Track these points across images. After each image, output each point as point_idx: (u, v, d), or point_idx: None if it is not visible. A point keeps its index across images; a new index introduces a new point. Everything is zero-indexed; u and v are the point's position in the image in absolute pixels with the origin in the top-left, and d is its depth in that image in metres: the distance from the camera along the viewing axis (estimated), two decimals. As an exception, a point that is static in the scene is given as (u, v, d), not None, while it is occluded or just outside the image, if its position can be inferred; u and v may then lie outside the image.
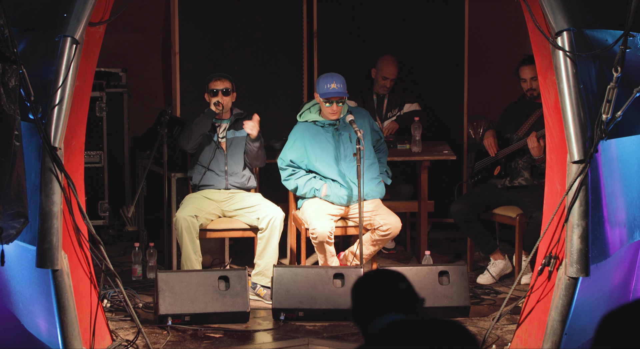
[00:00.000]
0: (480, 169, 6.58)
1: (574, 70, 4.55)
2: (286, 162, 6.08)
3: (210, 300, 5.47)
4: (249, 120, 6.09)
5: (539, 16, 4.69)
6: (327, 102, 5.93)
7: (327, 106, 5.95)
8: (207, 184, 6.14)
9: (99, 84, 6.93)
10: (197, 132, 6.03)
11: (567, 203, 4.58)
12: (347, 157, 6.02)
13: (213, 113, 6.05)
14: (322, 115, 6.06)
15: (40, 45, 4.60)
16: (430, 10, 7.28)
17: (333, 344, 5.24)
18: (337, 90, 5.90)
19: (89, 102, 4.94)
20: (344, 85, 5.93)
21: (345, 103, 6.00)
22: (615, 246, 4.71)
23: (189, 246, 5.87)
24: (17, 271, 4.73)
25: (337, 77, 5.93)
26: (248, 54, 7.08)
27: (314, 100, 6.10)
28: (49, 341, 4.71)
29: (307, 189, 6.03)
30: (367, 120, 6.15)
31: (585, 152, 4.53)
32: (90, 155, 6.91)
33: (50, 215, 4.51)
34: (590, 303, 4.72)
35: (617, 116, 4.50)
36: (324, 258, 5.97)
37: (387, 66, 6.93)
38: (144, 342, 5.06)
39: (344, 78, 5.98)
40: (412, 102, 7.04)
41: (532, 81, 6.23)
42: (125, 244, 7.15)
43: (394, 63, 6.94)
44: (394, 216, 6.01)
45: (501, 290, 6.16)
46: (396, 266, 5.78)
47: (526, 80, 6.27)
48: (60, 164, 4.52)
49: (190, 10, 6.95)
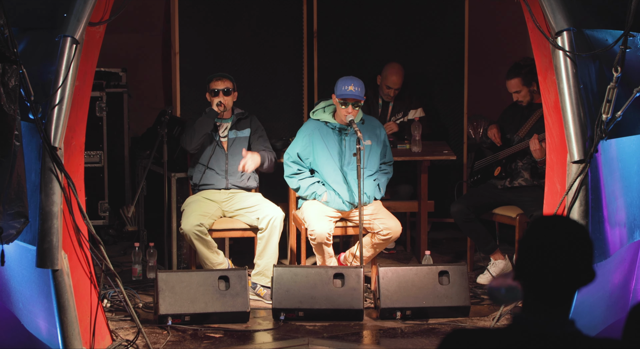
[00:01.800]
0: (479, 169, 6.58)
1: (574, 70, 4.55)
2: (292, 157, 6.07)
3: (210, 300, 5.47)
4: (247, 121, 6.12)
5: (539, 16, 4.69)
6: (343, 103, 5.92)
7: (343, 107, 5.92)
8: (207, 183, 6.14)
9: (99, 84, 6.92)
10: (199, 132, 6.03)
11: (567, 203, 4.58)
12: (351, 163, 6.01)
13: (215, 113, 6.05)
14: (336, 118, 6.04)
15: (40, 45, 4.60)
16: (430, 10, 7.28)
17: (333, 344, 5.24)
18: (354, 92, 5.89)
19: (89, 102, 4.94)
20: (362, 89, 5.92)
21: (360, 107, 5.98)
22: (615, 246, 4.71)
23: (204, 250, 5.89)
24: (17, 271, 4.73)
25: (355, 80, 5.92)
26: (248, 54, 7.08)
27: (330, 100, 6.09)
28: (49, 341, 4.71)
29: (309, 192, 6.02)
30: (380, 130, 6.14)
31: (585, 152, 4.53)
32: (90, 155, 6.91)
33: (50, 215, 4.51)
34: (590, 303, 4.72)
35: (617, 116, 4.50)
36: (322, 259, 5.97)
37: (392, 76, 6.92)
38: (144, 342, 5.06)
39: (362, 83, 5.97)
40: (417, 107, 7.04)
41: (517, 94, 6.30)
42: (125, 244, 7.15)
43: (399, 73, 6.93)
44: (394, 220, 6.00)
45: (501, 290, 6.15)
46: (396, 266, 5.78)
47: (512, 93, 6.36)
48: (60, 164, 4.52)
49: (190, 10, 6.95)
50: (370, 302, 5.84)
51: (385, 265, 5.75)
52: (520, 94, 6.27)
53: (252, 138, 6.18)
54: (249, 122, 6.20)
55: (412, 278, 5.61)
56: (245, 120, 6.19)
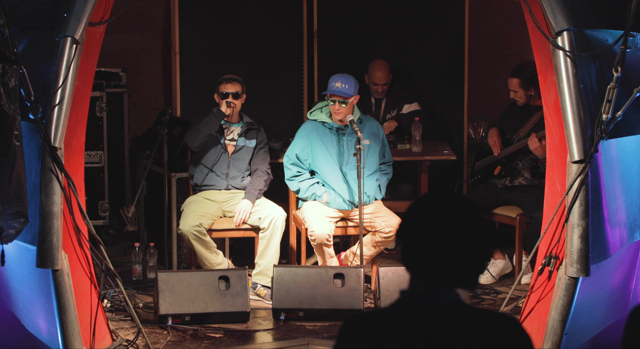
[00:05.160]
0: (480, 169, 6.58)
1: (574, 70, 4.55)
2: (292, 159, 6.06)
3: (210, 300, 5.47)
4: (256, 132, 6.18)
5: (539, 16, 4.69)
6: (331, 100, 5.92)
7: (331, 104, 5.93)
8: (208, 184, 6.14)
9: (99, 84, 6.92)
10: (204, 131, 6.04)
11: (567, 203, 4.58)
12: (350, 163, 6.00)
13: (222, 114, 6.05)
14: (333, 118, 6.04)
15: (40, 45, 4.60)
16: (430, 10, 7.28)
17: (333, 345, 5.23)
18: (340, 89, 5.86)
19: (89, 102, 4.94)
20: (350, 86, 5.88)
21: (348, 105, 5.94)
22: (616, 246, 4.71)
23: (203, 250, 5.89)
24: (17, 271, 4.73)
25: (344, 77, 5.89)
26: (248, 54, 7.08)
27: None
28: (49, 341, 4.71)
29: (309, 193, 6.02)
30: (379, 130, 6.13)
31: (585, 152, 4.53)
32: (90, 155, 6.91)
33: (50, 215, 4.51)
34: (591, 303, 4.72)
35: (617, 116, 4.50)
36: (323, 259, 5.97)
37: (376, 72, 6.92)
38: (144, 342, 5.06)
39: (355, 81, 5.95)
40: (411, 102, 7.04)
41: (513, 93, 6.33)
42: (125, 244, 7.15)
43: (383, 69, 6.92)
44: (396, 218, 6.00)
45: (501, 290, 6.16)
46: (396, 266, 5.78)
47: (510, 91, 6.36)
48: (61, 164, 4.52)
49: (190, 10, 6.95)
50: (370, 302, 5.84)
51: (386, 265, 5.75)
52: (517, 95, 6.33)
53: (255, 149, 6.20)
54: (257, 134, 6.22)
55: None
56: (254, 130, 6.21)
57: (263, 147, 6.23)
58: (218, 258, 5.95)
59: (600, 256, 4.61)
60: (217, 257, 5.95)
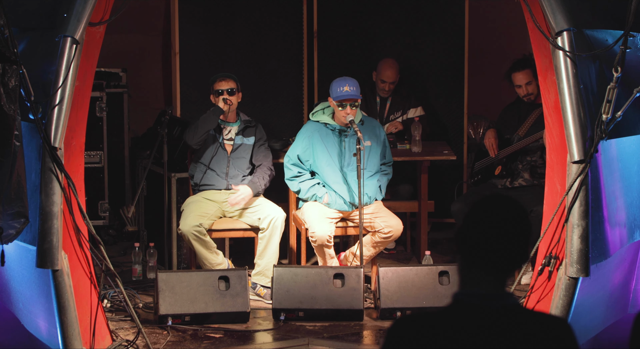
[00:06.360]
0: (480, 169, 6.57)
1: (574, 70, 4.55)
2: (293, 159, 6.06)
3: (210, 300, 5.47)
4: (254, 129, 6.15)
5: (539, 16, 4.69)
6: (341, 105, 5.91)
7: (341, 109, 5.91)
8: (208, 184, 6.14)
9: (99, 84, 6.92)
10: (203, 128, 6.04)
11: (567, 203, 4.58)
12: (351, 164, 6.00)
13: (220, 110, 6.06)
14: (335, 119, 6.03)
15: (40, 45, 4.60)
16: (430, 10, 7.28)
17: (333, 344, 5.24)
18: (351, 92, 5.87)
19: (89, 102, 4.94)
20: (357, 88, 5.90)
21: (359, 106, 5.96)
22: (616, 246, 4.71)
23: (203, 250, 5.89)
24: (17, 271, 4.73)
25: (349, 80, 5.91)
26: (248, 54, 7.08)
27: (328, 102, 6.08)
28: (49, 341, 4.71)
29: (309, 194, 6.02)
30: (380, 131, 6.13)
31: (585, 152, 4.53)
32: (90, 155, 6.91)
33: (50, 215, 4.51)
34: (591, 303, 4.72)
35: (617, 116, 4.50)
36: (324, 260, 5.97)
37: (386, 70, 6.93)
38: (144, 342, 5.06)
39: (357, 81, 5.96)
40: (416, 106, 7.04)
41: (528, 86, 6.23)
42: (125, 244, 7.15)
43: (393, 67, 6.93)
44: (396, 218, 6.00)
45: (501, 290, 6.15)
46: (396, 266, 5.78)
47: (521, 86, 6.27)
48: (61, 164, 4.52)
49: (190, 10, 6.95)
50: (370, 302, 5.84)
51: (386, 265, 5.75)
52: (531, 86, 6.21)
53: (254, 146, 6.19)
54: (255, 130, 6.21)
55: (412, 278, 5.61)
56: (252, 128, 6.21)
57: (263, 144, 6.22)
58: (218, 258, 5.95)
59: (600, 257, 4.61)
60: (217, 257, 5.95)
